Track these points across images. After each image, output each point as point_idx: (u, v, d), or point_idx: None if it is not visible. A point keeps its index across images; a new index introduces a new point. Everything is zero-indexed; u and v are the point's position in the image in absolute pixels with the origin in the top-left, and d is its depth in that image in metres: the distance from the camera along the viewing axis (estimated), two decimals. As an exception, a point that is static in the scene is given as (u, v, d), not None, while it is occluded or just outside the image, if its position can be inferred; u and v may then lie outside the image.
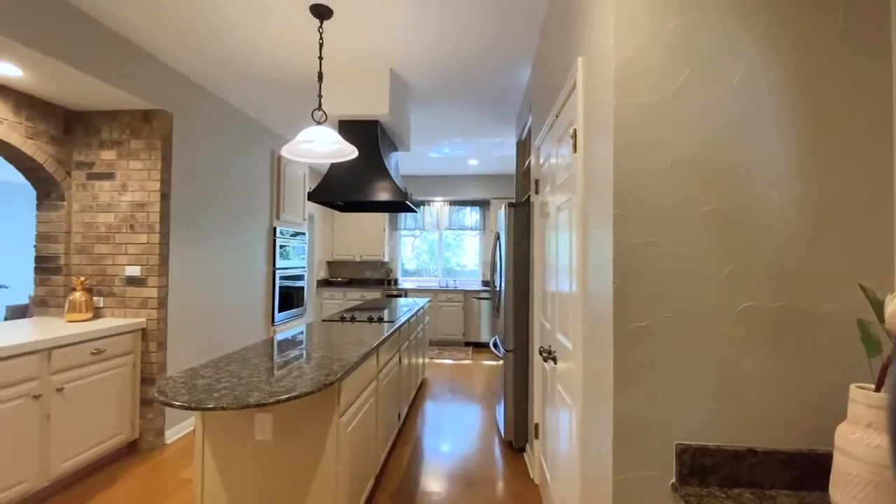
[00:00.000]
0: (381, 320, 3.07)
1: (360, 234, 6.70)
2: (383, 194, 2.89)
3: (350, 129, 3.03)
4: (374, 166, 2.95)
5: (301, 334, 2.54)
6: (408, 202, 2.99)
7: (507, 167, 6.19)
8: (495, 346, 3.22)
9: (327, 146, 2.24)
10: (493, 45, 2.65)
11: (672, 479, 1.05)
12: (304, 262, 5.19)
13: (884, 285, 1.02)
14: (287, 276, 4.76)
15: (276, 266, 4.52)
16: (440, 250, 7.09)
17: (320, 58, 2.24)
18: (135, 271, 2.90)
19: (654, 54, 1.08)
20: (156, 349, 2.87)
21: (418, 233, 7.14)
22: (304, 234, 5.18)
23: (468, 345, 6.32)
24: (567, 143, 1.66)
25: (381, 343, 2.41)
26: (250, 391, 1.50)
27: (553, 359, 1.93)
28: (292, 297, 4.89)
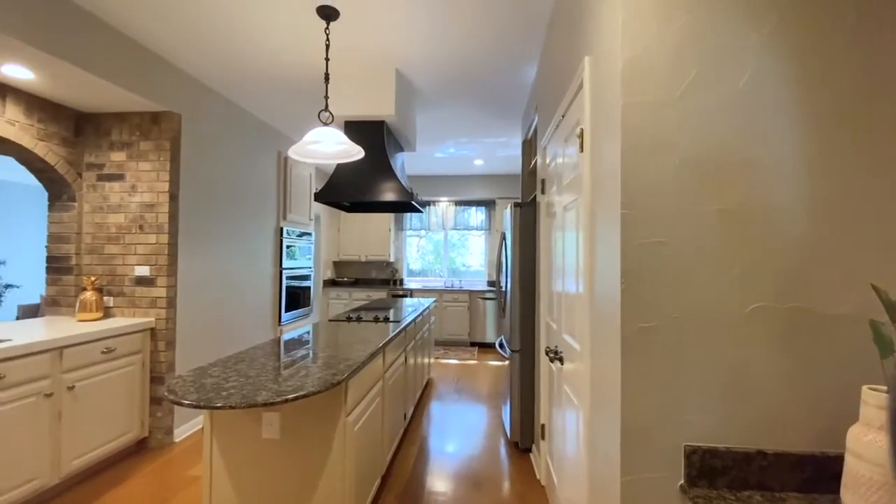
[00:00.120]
0: (387, 320, 3.08)
1: (365, 235, 6.72)
2: (389, 194, 2.90)
3: (356, 129, 3.04)
4: (380, 167, 2.96)
5: (308, 334, 2.55)
6: (413, 202, 3.00)
7: (513, 167, 6.18)
8: (501, 346, 3.21)
9: (334, 147, 2.25)
10: (498, 44, 2.65)
11: (680, 480, 1.04)
12: (310, 263, 5.22)
13: (897, 286, 1.00)
14: (294, 276, 4.79)
15: (283, 266, 4.55)
16: (445, 250, 7.09)
17: (327, 59, 2.25)
18: (144, 271, 2.93)
19: (662, 53, 1.08)
20: (164, 348, 2.90)
21: (424, 233, 7.14)
22: (310, 234, 5.20)
23: (473, 345, 6.32)
24: (574, 143, 1.66)
25: (388, 343, 2.42)
26: (258, 390, 1.51)
27: (559, 359, 1.92)
28: (299, 297, 4.92)
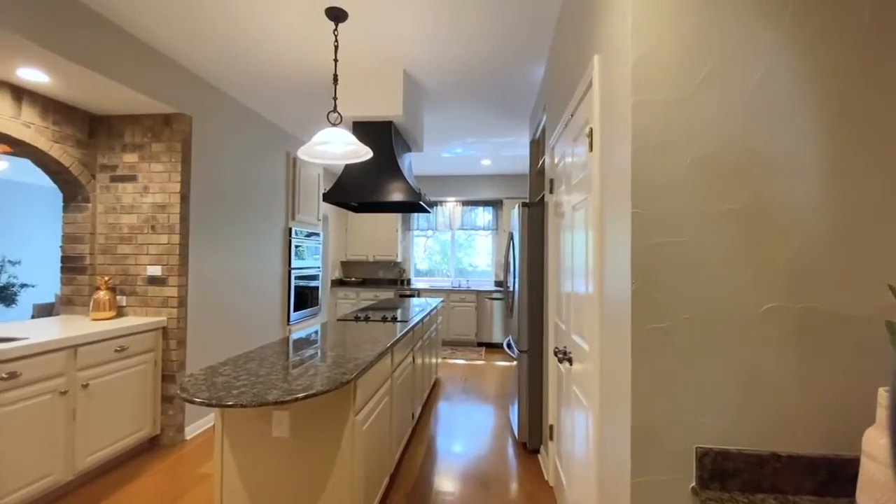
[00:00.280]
0: (394, 320, 3.09)
1: (373, 235, 6.75)
2: (397, 195, 2.90)
3: (364, 130, 3.05)
4: (388, 167, 2.97)
5: (316, 333, 2.57)
6: (421, 202, 3.00)
7: (520, 167, 6.16)
8: (509, 346, 3.20)
9: (342, 147, 2.26)
10: (505, 45, 2.64)
11: (692, 483, 1.03)
12: (318, 263, 5.25)
13: (915, 286, 0.98)
14: (302, 276, 4.82)
15: (292, 266, 4.58)
16: (453, 250, 7.09)
17: (335, 60, 2.26)
18: (156, 271, 2.97)
19: (673, 51, 1.06)
20: (176, 347, 2.94)
21: (431, 233, 7.15)
22: (318, 234, 5.23)
23: (481, 345, 6.31)
24: (583, 142, 1.65)
25: (396, 342, 2.42)
26: (268, 389, 1.52)
27: (568, 360, 1.91)
28: (307, 297, 4.95)
